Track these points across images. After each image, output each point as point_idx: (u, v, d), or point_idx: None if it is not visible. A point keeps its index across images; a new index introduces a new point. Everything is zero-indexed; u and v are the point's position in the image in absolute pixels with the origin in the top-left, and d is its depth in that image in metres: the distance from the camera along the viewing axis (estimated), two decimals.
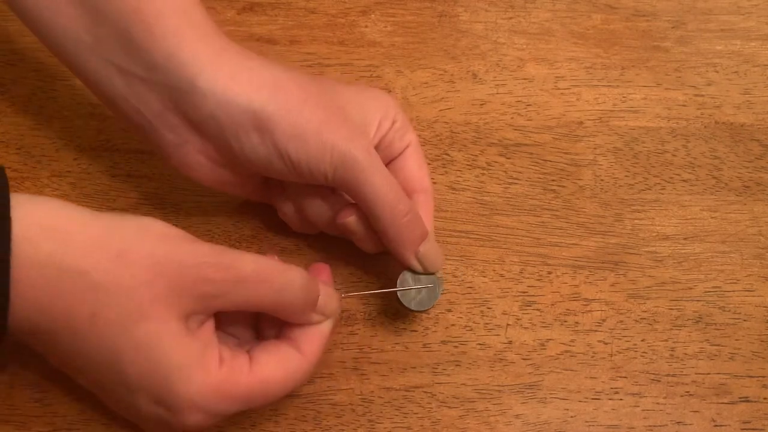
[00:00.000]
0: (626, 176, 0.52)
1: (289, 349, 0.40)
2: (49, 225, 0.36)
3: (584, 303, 0.48)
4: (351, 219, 0.44)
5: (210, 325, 0.39)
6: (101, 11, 0.41)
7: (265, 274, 0.39)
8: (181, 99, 0.41)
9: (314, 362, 0.41)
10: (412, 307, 0.44)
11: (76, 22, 0.41)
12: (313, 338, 0.41)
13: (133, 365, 0.37)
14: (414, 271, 0.44)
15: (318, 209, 0.45)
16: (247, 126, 0.41)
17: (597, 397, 0.46)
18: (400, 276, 0.44)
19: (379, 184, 0.42)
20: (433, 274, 0.44)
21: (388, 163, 0.45)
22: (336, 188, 0.44)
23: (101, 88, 0.43)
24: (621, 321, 0.48)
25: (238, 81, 0.41)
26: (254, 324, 0.43)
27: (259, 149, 0.42)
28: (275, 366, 0.40)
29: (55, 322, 0.36)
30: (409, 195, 0.45)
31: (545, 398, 0.46)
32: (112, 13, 0.41)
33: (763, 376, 0.47)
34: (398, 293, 0.44)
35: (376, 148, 0.44)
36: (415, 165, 0.45)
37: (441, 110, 0.53)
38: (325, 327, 0.42)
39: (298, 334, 0.41)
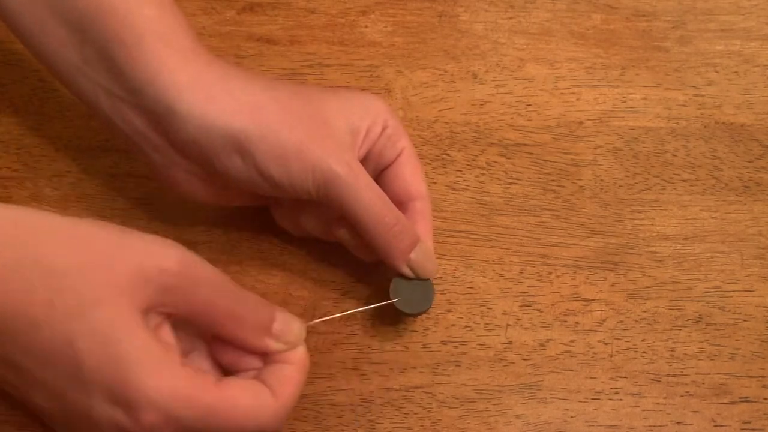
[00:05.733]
0: (626, 176, 0.52)
1: (260, 385, 0.39)
2: (7, 216, 0.36)
3: (584, 303, 0.48)
4: (342, 231, 0.45)
5: (168, 329, 0.38)
6: (86, 34, 0.41)
7: (222, 280, 0.38)
8: (163, 123, 0.41)
9: (286, 407, 0.39)
10: (406, 311, 0.44)
11: (65, 42, 0.42)
12: (285, 380, 0.39)
13: (89, 354, 0.35)
14: (407, 277, 0.44)
15: (311, 221, 0.45)
16: (228, 149, 0.41)
17: (597, 397, 0.46)
18: (393, 281, 0.44)
19: (363, 198, 0.42)
20: (425, 279, 0.44)
21: (381, 171, 0.45)
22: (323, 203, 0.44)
23: (91, 106, 0.43)
24: (621, 321, 0.48)
25: (216, 104, 0.41)
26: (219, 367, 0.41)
27: (241, 171, 0.42)
28: (244, 392, 0.38)
29: (12, 310, 0.35)
30: (405, 203, 0.45)
31: (545, 398, 0.46)
32: (96, 36, 0.41)
33: (763, 376, 0.47)
34: (392, 296, 0.44)
35: (366, 157, 0.44)
36: (409, 172, 0.45)
37: (441, 110, 0.53)
38: (296, 369, 0.40)
39: (268, 374, 0.39)
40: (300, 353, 0.40)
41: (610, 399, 0.46)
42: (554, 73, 0.55)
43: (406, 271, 0.44)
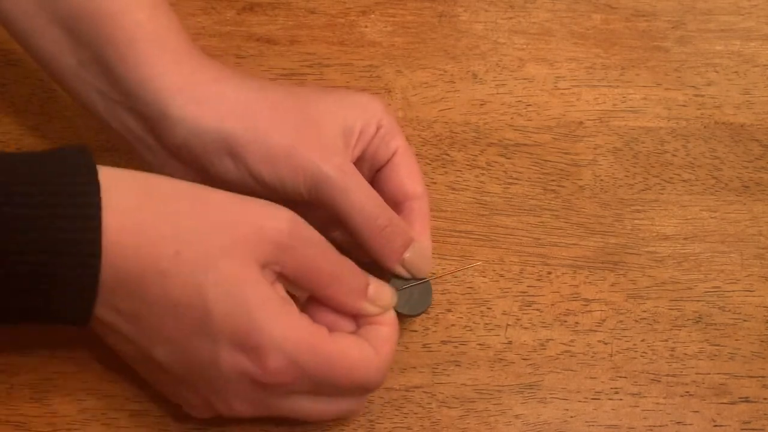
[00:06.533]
0: (626, 176, 0.52)
1: (365, 342, 0.40)
2: (134, 177, 0.38)
3: (584, 303, 0.48)
4: (336, 233, 0.45)
5: (281, 286, 0.39)
6: (81, 37, 0.42)
7: (327, 244, 0.40)
8: (156, 125, 0.42)
9: (387, 364, 0.41)
10: (404, 312, 0.44)
11: (61, 45, 0.42)
12: (384, 339, 0.41)
13: (218, 303, 0.37)
14: (402, 277, 0.44)
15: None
16: (219, 152, 0.42)
17: (597, 397, 0.46)
18: (389, 283, 0.44)
19: (355, 201, 0.42)
20: (424, 279, 0.44)
21: (377, 171, 0.45)
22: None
23: (87, 108, 0.44)
24: (621, 321, 0.48)
25: (207, 108, 0.41)
26: None
27: (233, 174, 0.42)
28: (354, 346, 0.40)
29: (142, 263, 0.37)
30: (402, 203, 0.44)
31: (545, 398, 0.46)
32: (91, 39, 0.41)
33: (763, 376, 0.47)
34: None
35: (360, 158, 0.44)
36: (404, 172, 0.45)
37: (441, 110, 0.53)
38: (391, 330, 0.42)
39: (368, 333, 0.41)
40: (391, 316, 0.42)
41: (610, 399, 0.46)
42: (554, 73, 0.55)
43: (401, 271, 0.44)
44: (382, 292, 0.42)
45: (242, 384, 0.38)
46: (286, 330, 0.37)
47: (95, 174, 0.36)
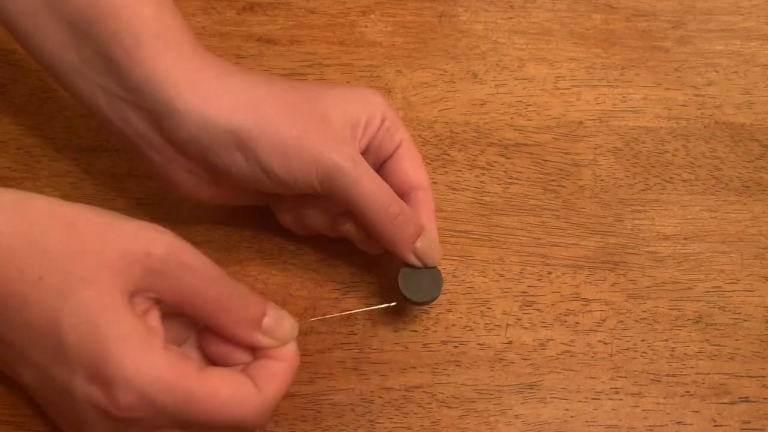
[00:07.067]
0: (626, 176, 0.52)
1: (244, 378, 0.38)
2: (8, 197, 0.37)
3: (584, 303, 0.48)
4: (348, 226, 0.45)
5: (155, 315, 0.38)
6: (85, 33, 0.41)
7: (211, 270, 0.38)
8: (162, 121, 0.41)
9: (269, 403, 0.38)
10: (416, 299, 0.44)
11: (63, 42, 0.42)
12: (271, 376, 0.39)
13: (73, 332, 0.36)
14: (413, 266, 0.44)
15: (315, 216, 0.46)
16: (229, 146, 0.41)
17: (597, 397, 0.46)
18: (400, 272, 0.44)
19: (367, 190, 0.42)
20: (433, 267, 0.44)
21: (382, 163, 0.45)
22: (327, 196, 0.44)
23: (89, 107, 0.43)
24: (621, 321, 0.48)
25: (215, 102, 0.41)
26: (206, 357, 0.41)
27: (243, 168, 0.42)
28: (226, 382, 0.37)
29: (7, 287, 0.36)
30: (407, 193, 0.45)
31: (545, 398, 0.46)
32: (94, 35, 0.41)
33: (763, 376, 0.47)
34: (400, 286, 0.44)
35: (366, 150, 0.44)
36: (409, 163, 0.45)
37: (441, 110, 0.53)
38: (285, 366, 0.39)
39: (255, 368, 0.39)
40: (290, 350, 0.40)
41: (610, 399, 0.46)
42: (554, 73, 0.55)
43: (413, 260, 0.44)
44: (279, 324, 0.39)
45: (97, 415, 0.37)
46: (140, 365, 0.35)
47: None
